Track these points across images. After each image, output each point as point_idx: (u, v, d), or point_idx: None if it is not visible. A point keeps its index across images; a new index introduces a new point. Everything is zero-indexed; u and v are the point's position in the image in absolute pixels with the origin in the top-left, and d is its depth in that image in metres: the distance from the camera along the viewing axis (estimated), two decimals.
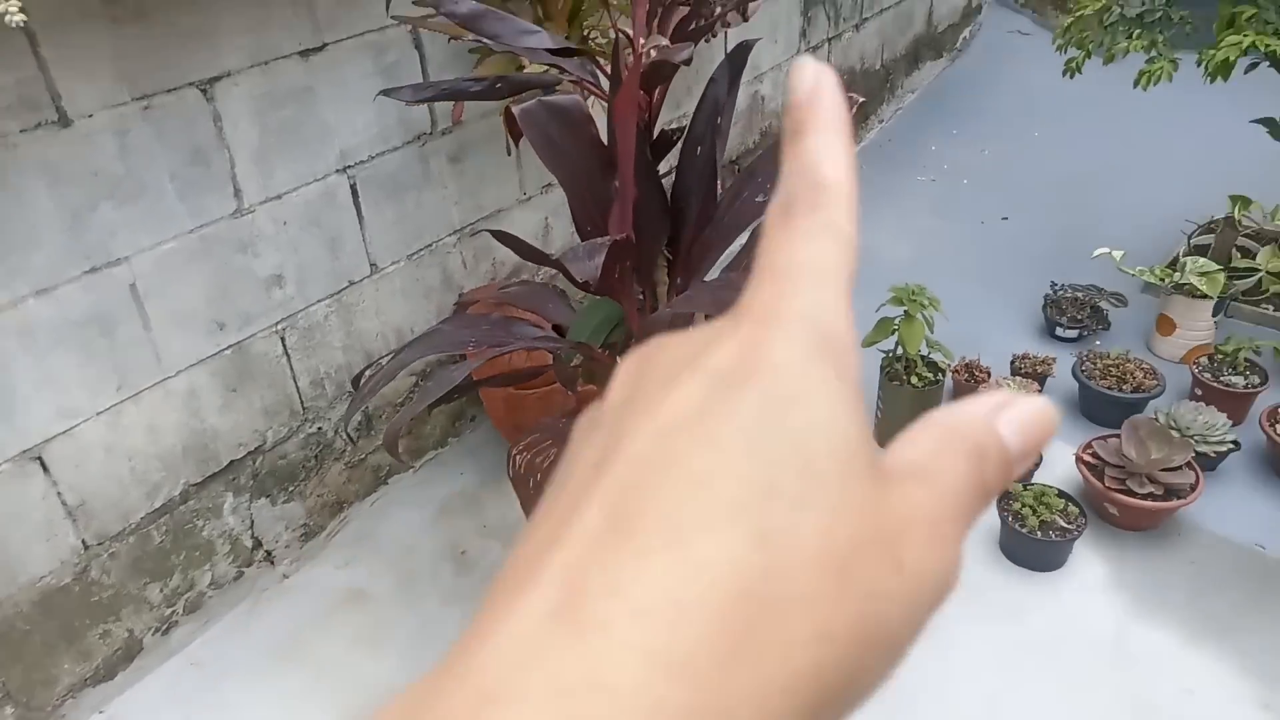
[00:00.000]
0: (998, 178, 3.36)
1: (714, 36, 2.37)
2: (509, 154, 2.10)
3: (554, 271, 1.65)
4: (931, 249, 2.94)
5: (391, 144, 1.88)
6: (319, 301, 1.84)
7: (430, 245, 2.03)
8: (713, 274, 1.50)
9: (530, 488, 1.26)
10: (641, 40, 1.31)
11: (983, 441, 0.19)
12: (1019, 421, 0.20)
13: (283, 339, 1.80)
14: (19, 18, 1.01)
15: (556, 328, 1.62)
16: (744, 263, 1.40)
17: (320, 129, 1.74)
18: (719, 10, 1.71)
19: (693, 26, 1.33)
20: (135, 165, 1.48)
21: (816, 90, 0.21)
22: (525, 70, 1.64)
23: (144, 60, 1.44)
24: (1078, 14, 2.52)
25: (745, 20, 2.44)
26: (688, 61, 1.17)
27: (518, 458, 1.29)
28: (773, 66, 2.99)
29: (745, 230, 1.36)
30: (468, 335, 1.42)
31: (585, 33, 1.89)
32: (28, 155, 1.35)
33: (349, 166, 1.81)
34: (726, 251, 1.46)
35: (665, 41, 1.24)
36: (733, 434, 0.16)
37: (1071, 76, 2.53)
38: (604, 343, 1.49)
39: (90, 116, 1.41)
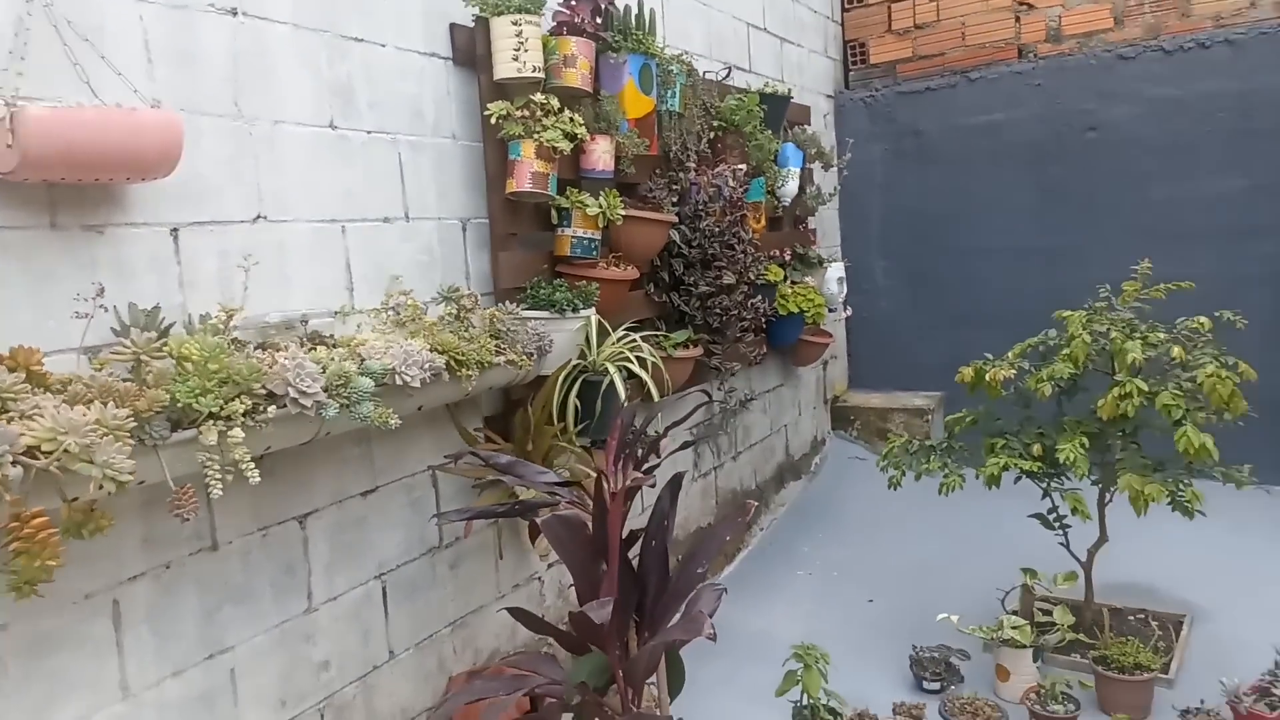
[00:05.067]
0: (859, 569, 4.17)
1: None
2: (500, 558, 2.76)
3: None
4: (817, 628, 3.60)
5: (411, 555, 2.51)
6: (351, 683, 2.31)
7: (432, 635, 2.57)
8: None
9: None
10: (614, 475, 2.08)
11: None
12: None
13: (322, 716, 2.24)
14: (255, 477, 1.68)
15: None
16: (690, 611, 2.04)
17: (367, 546, 2.37)
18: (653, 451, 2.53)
19: (647, 466, 2.12)
20: (251, 576, 2.06)
21: None
22: (523, 498, 2.38)
23: (268, 503, 2.10)
24: (890, 446, 3.52)
25: (660, 458, 3.32)
26: (653, 485, 1.93)
27: None
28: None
29: (691, 592, 2.02)
30: (498, 686, 1.96)
31: (555, 470, 2.68)
32: (189, 572, 1.93)
33: (383, 573, 2.42)
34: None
35: (638, 474, 2.00)
36: None
37: (894, 489, 3.45)
38: (595, 687, 2.04)
39: (230, 543, 2.02)
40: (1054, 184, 4.84)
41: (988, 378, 3.22)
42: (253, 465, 1.69)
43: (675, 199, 3.38)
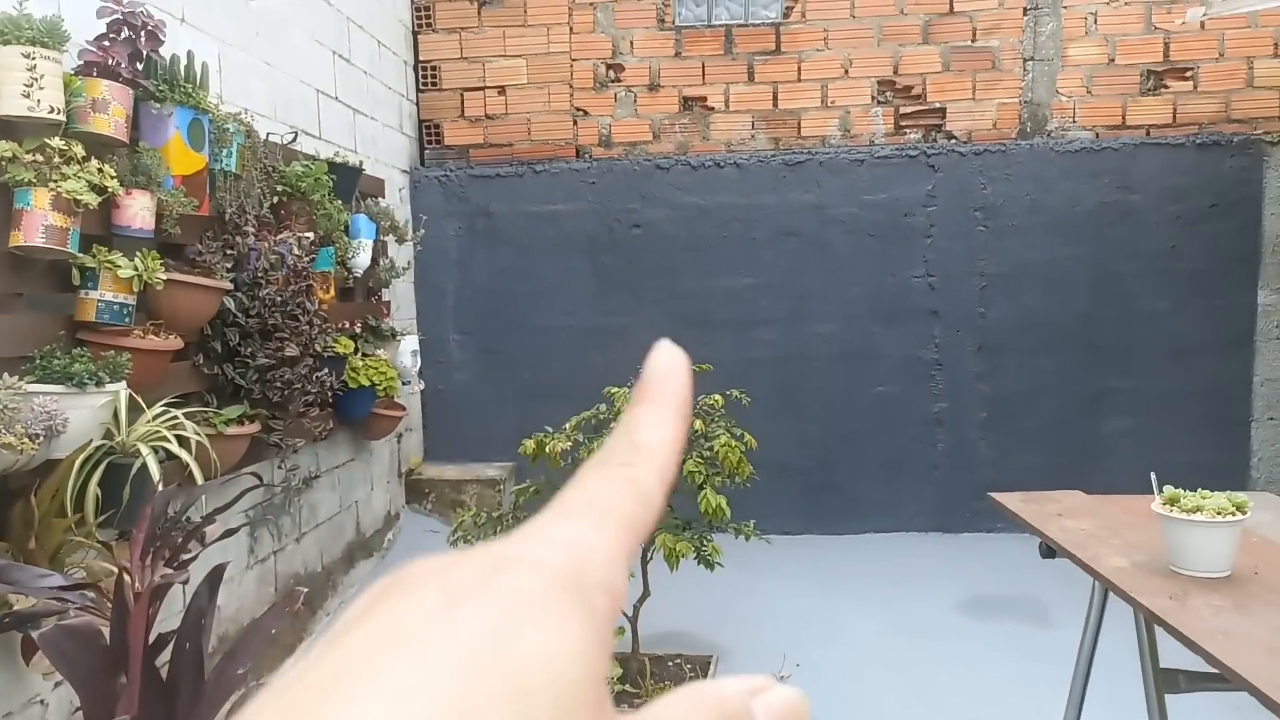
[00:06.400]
0: None
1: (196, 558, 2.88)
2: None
3: None
4: None
5: None
6: None
7: None
8: None
9: None
10: (140, 573, 1.84)
11: (733, 716, 0.19)
12: (773, 706, 0.19)
13: None
14: None
15: None
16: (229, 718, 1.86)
17: None
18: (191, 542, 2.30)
19: (184, 557, 1.91)
20: None
21: (667, 372, 0.24)
22: (19, 607, 1.99)
23: None
24: (460, 519, 3.58)
25: (204, 546, 3.02)
26: (185, 581, 1.74)
27: None
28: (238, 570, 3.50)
29: (233, 696, 1.84)
30: None
31: (65, 570, 2.30)
32: None
33: None
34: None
35: (169, 570, 1.79)
36: (445, 653, 0.16)
37: None
38: None
39: None
40: (607, 271, 5.38)
41: (548, 449, 3.43)
42: None
43: (231, 264, 3.16)
